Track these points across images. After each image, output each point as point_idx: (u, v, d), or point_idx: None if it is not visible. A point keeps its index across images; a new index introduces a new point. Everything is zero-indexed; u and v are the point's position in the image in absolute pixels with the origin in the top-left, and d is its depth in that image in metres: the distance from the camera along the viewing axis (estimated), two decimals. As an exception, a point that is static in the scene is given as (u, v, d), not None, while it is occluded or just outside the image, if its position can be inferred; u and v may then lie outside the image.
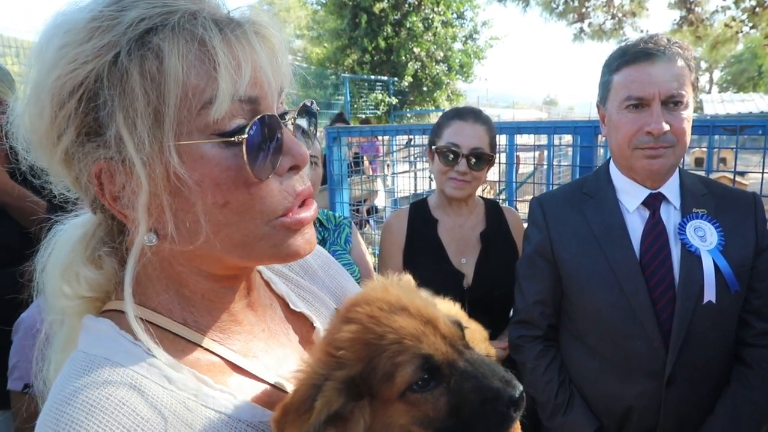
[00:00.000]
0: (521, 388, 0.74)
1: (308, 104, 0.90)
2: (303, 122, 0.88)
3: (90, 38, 0.70)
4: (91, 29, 0.70)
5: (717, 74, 50.89)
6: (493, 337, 2.41)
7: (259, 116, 0.73)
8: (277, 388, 0.87)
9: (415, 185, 6.67)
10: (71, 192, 0.83)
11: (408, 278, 0.94)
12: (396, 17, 20.30)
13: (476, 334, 1.05)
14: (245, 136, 0.71)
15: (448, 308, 1.10)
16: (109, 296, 0.85)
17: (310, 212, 0.82)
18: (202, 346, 0.83)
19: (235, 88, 0.70)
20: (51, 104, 0.72)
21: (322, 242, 2.56)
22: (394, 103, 19.89)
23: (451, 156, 2.39)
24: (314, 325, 1.04)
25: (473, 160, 2.38)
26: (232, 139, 0.72)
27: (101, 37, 0.69)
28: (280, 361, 0.92)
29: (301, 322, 1.04)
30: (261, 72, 0.74)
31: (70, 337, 0.85)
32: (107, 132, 0.71)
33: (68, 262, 0.84)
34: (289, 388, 0.86)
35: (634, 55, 1.80)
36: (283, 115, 0.80)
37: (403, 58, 20.22)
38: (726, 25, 13.68)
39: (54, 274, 0.85)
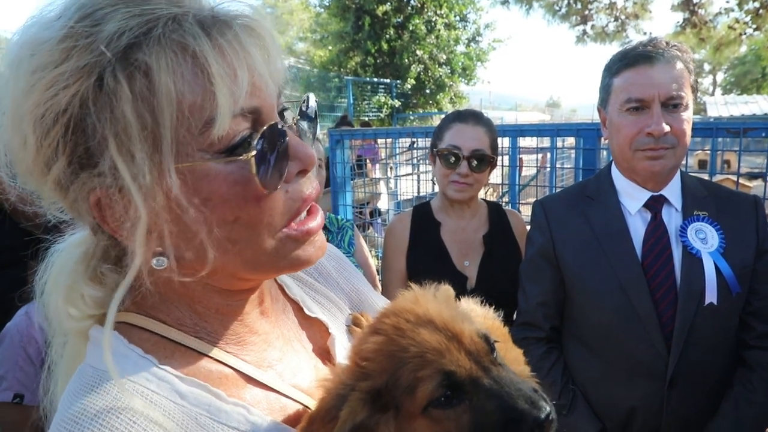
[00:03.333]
0: (548, 409, 0.71)
1: (309, 102, 0.86)
2: (304, 122, 0.84)
3: (65, 59, 0.64)
4: (65, 49, 0.64)
5: (720, 76, 50.86)
6: (496, 338, 2.41)
7: (264, 128, 0.69)
8: (291, 398, 0.84)
9: (418, 188, 6.67)
10: (65, 214, 0.77)
11: (446, 288, 0.92)
12: (399, 20, 20.32)
13: (520, 357, 1.02)
14: (253, 153, 0.68)
15: (488, 322, 1.07)
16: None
17: (316, 221, 0.79)
18: (214, 358, 0.80)
19: (235, 101, 0.66)
20: (34, 133, 0.66)
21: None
22: (396, 105, 19.90)
23: (453, 158, 2.40)
24: (329, 331, 1.00)
25: (474, 162, 2.39)
26: (240, 157, 0.68)
27: (79, 57, 0.63)
28: (295, 369, 0.89)
29: (315, 328, 1.01)
30: (259, 77, 0.69)
31: (76, 355, 0.82)
32: (101, 162, 0.66)
33: (70, 283, 0.80)
34: (303, 398, 0.85)
35: (634, 58, 1.81)
36: (282, 113, 0.78)
37: (406, 60, 20.22)
38: (729, 27, 13.69)
39: (57, 298, 0.80)
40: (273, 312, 0.93)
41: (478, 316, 1.06)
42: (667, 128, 1.76)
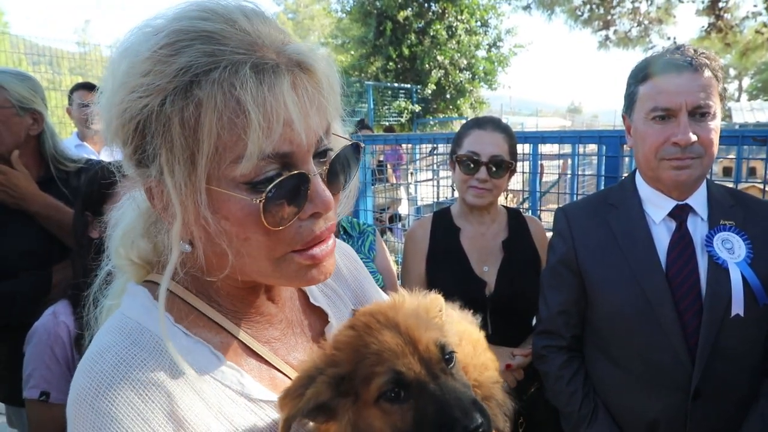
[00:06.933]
0: (479, 421, 0.79)
1: (355, 145, 0.93)
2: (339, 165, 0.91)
3: (147, 73, 0.76)
4: (149, 65, 0.76)
5: (746, 82, 49.81)
6: (515, 344, 2.41)
7: (283, 176, 0.78)
8: (280, 371, 0.98)
9: (438, 193, 6.66)
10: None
11: (435, 297, 1.02)
12: (420, 25, 20.34)
13: (489, 362, 1.11)
14: (262, 198, 0.77)
15: (460, 326, 1.13)
16: (152, 267, 0.98)
17: (321, 249, 0.87)
18: (222, 326, 0.94)
19: (262, 149, 0.75)
20: (116, 120, 0.81)
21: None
22: (417, 110, 19.90)
23: (471, 164, 2.42)
24: (329, 320, 1.12)
25: (493, 167, 2.41)
26: (252, 200, 0.78)
27: (155, 77, 0.76)
28: (290, 349, 1.03)
29: (317, 316, 1.13)
30: (294, 129, 0.77)
31: (120, 291, 0.99)
32: (153, 164, 0.80)
33: (129, 229, 0.98)
34: (292, 373, 0.98)
35: (661, 66, 1.79)
36: (324, 152, 0.86)
37: (427, 65, 20.22)
38: (756, 32, 13.44)
39: (116, 236, 0.99)
40: (281, 298, 1.06)
41: (454, 321, 1.14)
42: (694, 138, 1.73)
